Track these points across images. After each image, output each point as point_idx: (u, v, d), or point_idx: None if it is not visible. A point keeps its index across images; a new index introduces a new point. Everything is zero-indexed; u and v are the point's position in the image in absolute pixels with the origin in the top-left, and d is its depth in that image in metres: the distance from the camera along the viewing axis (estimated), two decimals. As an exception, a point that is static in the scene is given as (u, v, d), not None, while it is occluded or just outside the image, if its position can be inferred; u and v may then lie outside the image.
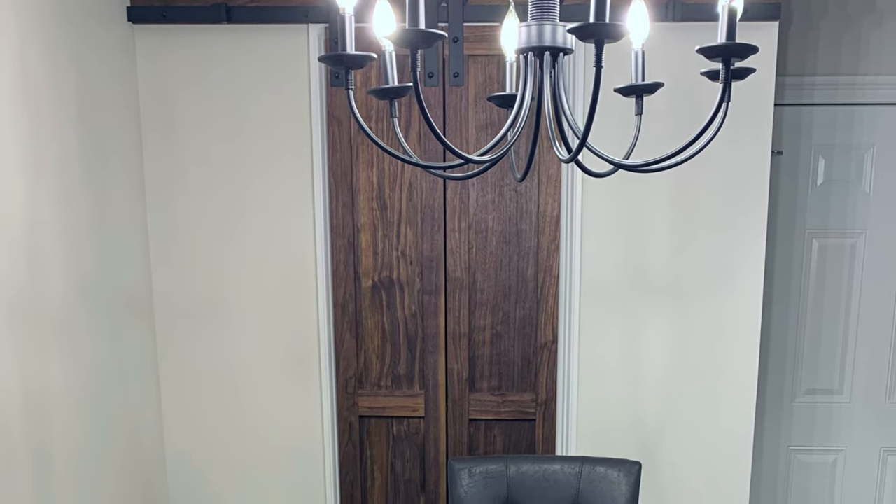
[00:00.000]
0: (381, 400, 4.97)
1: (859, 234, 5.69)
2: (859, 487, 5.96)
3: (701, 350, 4.79)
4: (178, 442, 5.00)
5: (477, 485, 4.21)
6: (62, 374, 3.96)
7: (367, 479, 5.05)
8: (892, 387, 5.84)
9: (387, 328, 4.92)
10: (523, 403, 4.93)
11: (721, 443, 4.86)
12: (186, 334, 4.91)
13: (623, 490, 4.15)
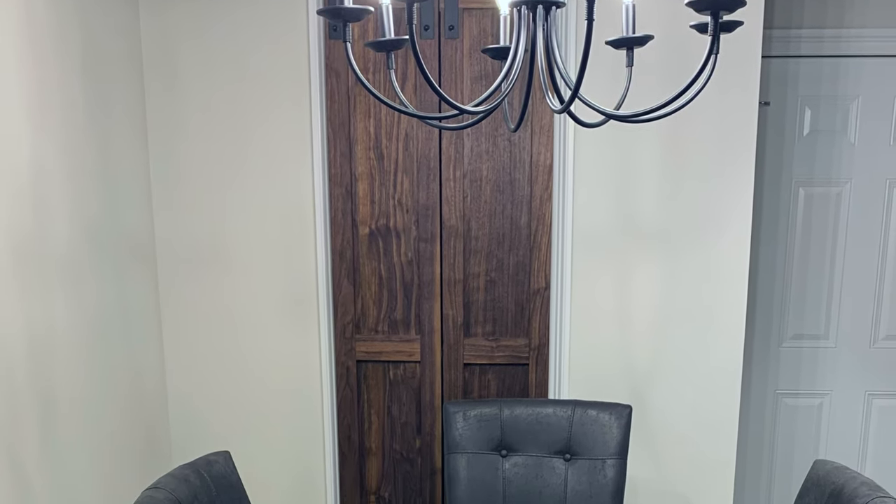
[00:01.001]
0: (377, 345, 5.00)
1: (844, 183, 5.71)
2: (844, 430, 6.00)
3: (690, 296, 4.81)
4: (180, 384, 5.03)
5: (471, 427, 4.24)
6: (66, 316, 3.98)
7: (365, 422, 5.08)
8: (876, 332, 5.87)
9: (384, 275, 4.94)
10: (517, 348, 4.96)
11: (710, 386, 4.89)
12: (188, 279, 4.94)
13: (614, 432, 4.18)
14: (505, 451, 4.24)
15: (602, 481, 4.14)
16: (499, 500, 4.20)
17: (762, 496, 6.12)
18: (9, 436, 3.54)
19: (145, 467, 4.72)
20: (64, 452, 3.96)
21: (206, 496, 3.16)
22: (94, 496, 4.23)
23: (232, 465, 3.44)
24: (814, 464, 3.28)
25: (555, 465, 4.21)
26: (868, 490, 2.88)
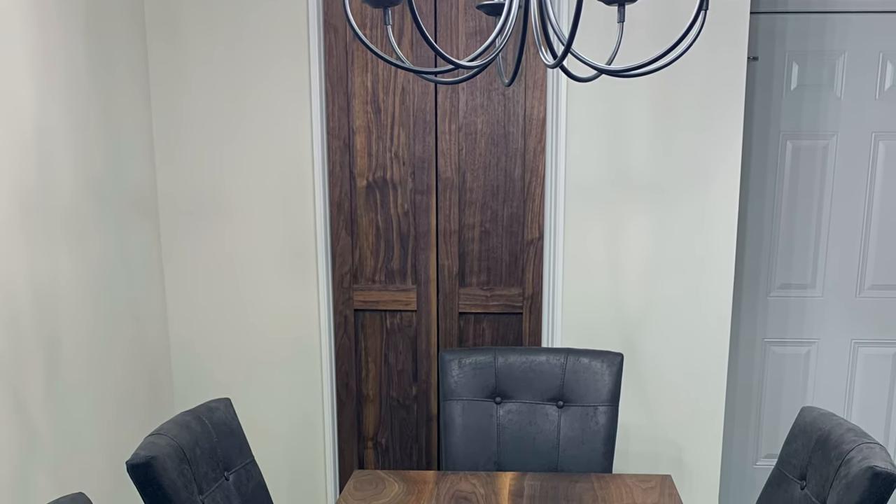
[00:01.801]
0: (375, 294, 5.01)
1: (831, 137, 5.70)
2: (831, 378, 6.01)
3: (680, 246, 4.82)
4: (182, 333, 5.04)
5: (466, 375, 4.25)
6: (70, 268, 3.99)
7: (362, 370, 5.09)
8: (862, 282, 5.88)
9: (380, 226, 4.94)
10: (511, 297, 4.97)
11: (700, 334, 4.90)
12: (189, 231, 4.94)
13: (606, 380, 4.19)
14: (499, 398, 4.25)
15: (594, 427, 4.16)
16: (493, 445, 4.21)
17: (750, 442, 6.14)
18: (15, 383, 3.56)
19: (148, 414, 4.74)
20: (68, 400, 3.97)
21: (206, 442, 3.18)
22: (98, 442, 4.25)
23: (232, 411, 3.46)
24: (801, 411, 3.29)
25: (548, 412, 4.22)
26: (854, 436, 2.89)
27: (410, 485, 3.77)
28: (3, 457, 3.48)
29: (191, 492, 2.96)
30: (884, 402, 6.01)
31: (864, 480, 2.68)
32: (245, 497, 3.32)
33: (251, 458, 3.45)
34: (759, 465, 6.14)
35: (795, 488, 3.12)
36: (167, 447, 2.93)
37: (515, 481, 3.81)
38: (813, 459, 3.05)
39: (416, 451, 5.15)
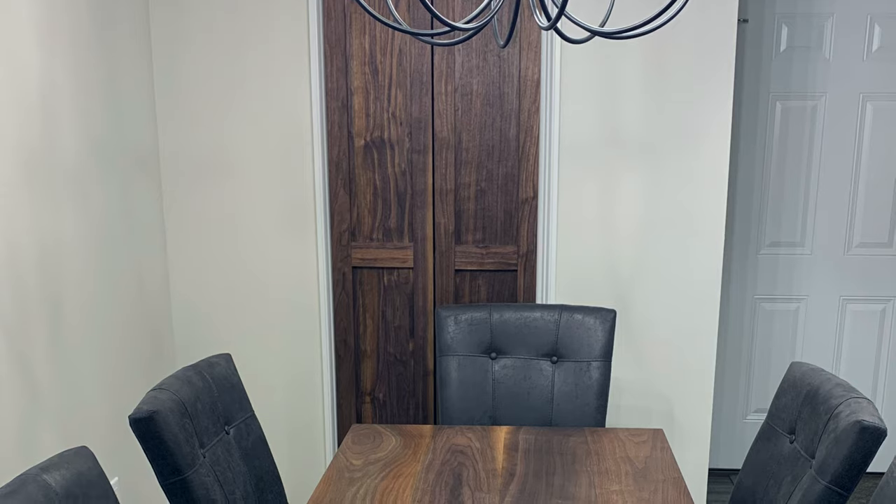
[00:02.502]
0: (372, 252, 5.00)
1: (819, 97, 5.70)
2: (820, 333, 6.02)
3: (672, 205, 4.81)
4: (184, 290, 5.04)
5: (462, 331, 4.25)
6: (74, 226, 3.99)
7: (360, 326, 5.09)
8: (850, 240, 5.88)
9: (378, 185, 4.93)
10: (506, 255, 4.96)
11: (691, 291, 4.90)
12: (191, 190, 4.93)
13: (599, 336, 4.19)
14: (494, 353, 4.25)
15: (587, 382, 4.16)
16: (488, 400, 4.21)
17: (740, 396, 6.16)
18: (19, 340, 3.56)
19: (150, 369, 4.74)
20: (72, 355, 3.97)
21: (207, 396, 3.17)
22: (101, 396, 4.25)
23: (233, 366, 3.45)
24: (790, 366, 3.29)
25: (542, 367, 4.22)
26: (842, 391, 2.89)
27: (407, 438, 3.77)
28: (9, 412, 3.49)
29: (192, 445, 2.96)
30: (871, 357, 6.03)
31: (851, 434, 2.68)
32: (245, 450, 3.32)
33: (251, 413, 3.45)
34: (749, 419, 6.16)
35: (784, 442, 3.12)
36: (169, 402, 2.93)
37: (510, 435, 3.81)
38: (802, 414, 3.05)
39: (413, 406, 5.16)
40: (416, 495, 3.21)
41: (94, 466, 2.44)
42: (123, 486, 4.35)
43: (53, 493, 2.22)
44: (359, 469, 3.45)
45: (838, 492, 2.72)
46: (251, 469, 3.33)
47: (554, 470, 3.44)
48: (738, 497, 3.30)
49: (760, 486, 3.17)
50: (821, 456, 2.81)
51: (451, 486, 3.30)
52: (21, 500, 2.11)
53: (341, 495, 3.22)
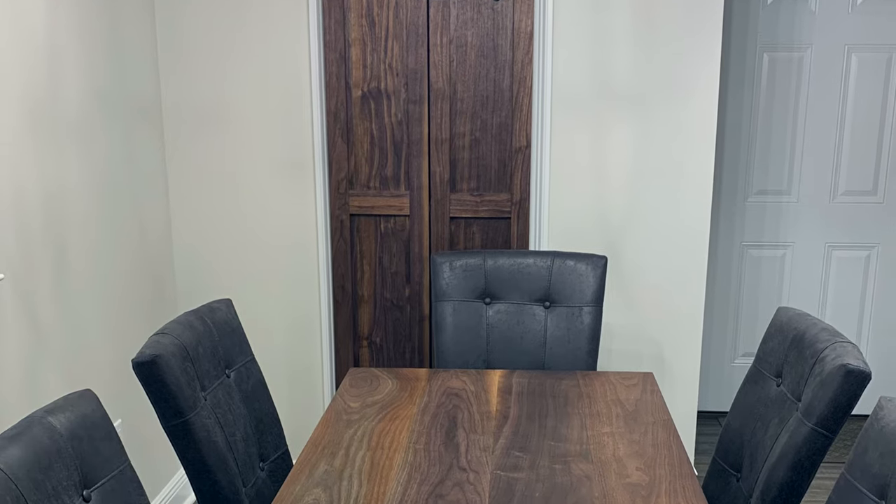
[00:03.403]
0: (369, 200, 4.99)
1: (805, 49, 5.68)
2: (806, 279, 6.03)
3: (661, 154, 4.80)
4: (185, 237, 5.02)
5: (457, 277, 4.24)
6: (78, 174, 3.98)
7: (358, 272, 5.08)
8: (835, 188, 5.88)
9: (375, 134, 4.92)
10: (499, 203, 4.95)
11: (680, 238, 4.90)
12: (192, 139, 4.91)
13: (590, 281, 4.19)
14: (488, 298, 4.25)
15: (579, 327, 4.16)
16: (483, 344, 4.21)
17: (729, 340, 6.16)
18: (25, 285, 3.55)
19: (152, 314, 4.73)
20: (76, 301, 3.97)
21: (209, 340, 3.17)
22: (105, 341, 4.25)
23: (233, 311, 3.45)
24: (777, 311, 3.29)
25: (535, 312, 4.22)
26: (828, 335, 2.88)
27: (403, 382, 3.77)
28: (15, 356, 3.49)
29: (193, 388, 2.96)
30: (856, 302, 6.04)
31: (837, 377, 2.68)
32: (245, 393, 3.32)
33: (251, 357, 3.44)
34: (737, 363, 6.18)
35: (771, 385, 3.12)
36: (171, 346, 2.92)
37: (504, 378, 3.81)
38: (788, 357, 3.05)
39: (409, 350, 5.16)
40: (412, 437, 3.21)
41: (97, 409, 2.43)
42: (126, 429, 4.35)
43: (58, 435, 2.21)
44: (356, 411, 3.45)
45: (824, 433, 2.72)
46: (251, 411, 3.33)
47: (546, 412, 3.44)
48: (726, 438, 3.30)
49: (748, 428, 3.17)
50: (807, 399, 2.80)
51: (447, 428, 3.30)
52: (26, 441, 2.11)
53: (339, 437, 3.22)
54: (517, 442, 3.18)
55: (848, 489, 2.35)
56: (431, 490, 2.82)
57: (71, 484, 2.21)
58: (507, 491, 2.81)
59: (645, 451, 3.12)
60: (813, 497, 4.91)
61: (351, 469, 2.97)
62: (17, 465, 2.03)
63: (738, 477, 3.20)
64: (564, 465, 3.00)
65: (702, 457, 5.46)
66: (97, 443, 2.36)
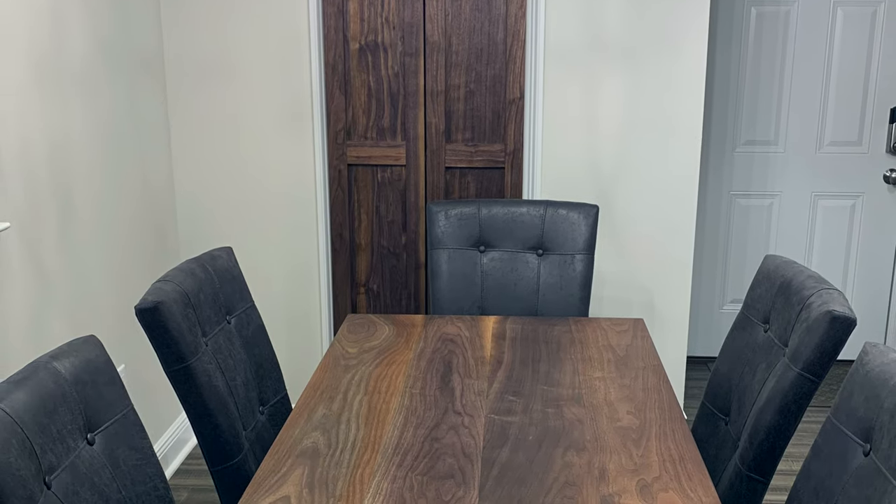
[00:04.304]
0: (366, 150, 4.97)
1: (792, 3, 5.68)
2: (792, 228, 6.02)
3: (652, 105, 4.79)
4: (187, 186, 5.01)
5: (452, 225, 4.23)
6: (82, 125, 3.97)
7: (355, 220, 5.07)
8: (821, 139, 5.87)
9: (372, 86, 4.90)
10: (493, 153, 4.94)
11: (670, 188, 4.89)
12: (194, 91, 4.89)
13: (582, 230, 4.18)
14: (483, 246, 4.25)
15: (571, 274, 4.15)
16: (477, 291, 4.21)
17: (717, 288, 6.17)
18: (31, 234, 3.54)
19: (154, 262, 4.73)
20: (80, 249, 3.96)
21: (210, 287, 3.16)
22: (108, 288, 4.25)
23: (234, 259, 3.44)
24: (764, 259, 3.28)
25: (528, 260, 4.22)
26: (814, 283, 2.88)
27: (400, 328, 3.77)
28: (21, 303, 3.49)
29: (195, 334, 2.95)
30: (841, 250, 6.04)
31: (823, 323, 2.67)
32: (245, 339, 3.32)
33: (251, 303, 3.44)
34: (725, 309, 6.18)
35: (759, 331, 3.12)
36: (173, 292, 2.91)
37: (498, 324, 3.81)
38: (776, 304, 3.04)
39: (406, 297, 5.16)
40: (408, 382, 3.21)
41: (101, 354, 2.43)
42: (129, 373, 4.36)
43: (63, 380, 2.21)
44: (354, 357, 3.45)
45: (810, 378, 2.72)
46: (251, 357, 3.33)
47: (539, 357, 3.44)
48: (715, 383, 3.30)
49: (736, 372, 3.17)
50: (793, 344, 2.80)
51: (442, 372, 3.29)
52: (32, 386, 2.11)
53: (337, 381, 3.22)
54: (511, 386, 3.18)
55: (834, 432, 2.35)
56: (427, 433, 2.82)
57: (75, 427, 2.21)
58: (500, 434, 2.82)
59: (635, 395, 3.12)
60: (799, 440, 4.93)
61: (349, 413, 2.97)
62: (22, 409, 2.02)
63: (726, 420, 3.20)
64: (557, 409, 3.00)
65: (691, 401, 5.47)
66: (101, 387, 2.36)
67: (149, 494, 2.42)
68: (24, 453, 1.97)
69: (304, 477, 2.55)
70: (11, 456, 1.91)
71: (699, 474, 2.58)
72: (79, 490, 2.14)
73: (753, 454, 2.85)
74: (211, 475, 3.04)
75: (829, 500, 2.28)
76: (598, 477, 2.55)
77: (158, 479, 2.46)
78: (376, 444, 2.74)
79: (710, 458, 3.17)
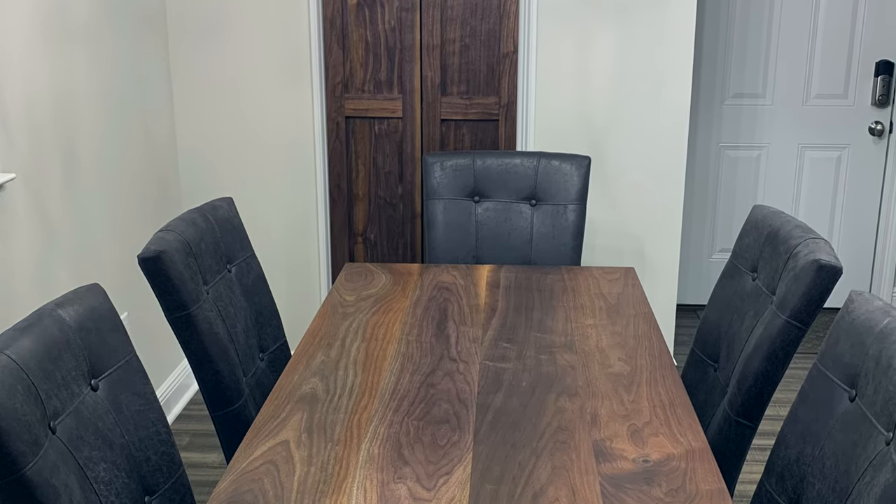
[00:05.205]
0: (364, 103, 4.95)
1: (780, -44, 5.67)
2: (780, 179, 6.02)
3: (643, 58, 4.78)
4: (189, 139, 4.99)
5: (448, 176, 4.23)
6: (86, 80, 3.98)
7: (353, 171, 5.06)
8: (808, 91, 5.86)
9: (369, 40, 4.87)
10: (488, 106, 4.92)
11: (660, 139, 4.88)
12: (195, 47, 4.88)
13: (575, 181, 4.18)
14: (477, 197, 4.24)
15: (564, 224, 4.15)
16: (472, 241, 4.21)
17: (706, 237, 6.17)
18: (37, 185, 3.55)
19: (157, 212, 4.72)
20: (85, 200, 3.96)
21: (211, 237, 3.15)
22: (112, 237, 4.24)
23: (234, 209, 3.43)
24: (752, 209, 3.27)
25: (522, 210, 4.21)
26: (801, 232, 2.87)
27: (396, 276, 3.76)
28: (28, 251, 3.49)
29: (196, 283, 2.95)
30: (828, 201, 6.04)
31: (809, 272, 2.67)
32: (245, 287, 3.31)
33: (251, 252, 3.43)
34: (714, 258, 6.19)
35: (747, 279, 3.11)
36: (175, 242, 2.90)
37: (492, 273, 3.81)
38: (763, 253, 3.04)
39: (402, 246, 5.16)
40: (404, 329, 3.21)
41: (105, 302, 2.43)
42: (132, 321, 4.35)
43: (67, 327, 2.21)
44: (351, 304, 3.45)
45: (797, 325, 2.71)
46: (251, 305, 3.33)
47: (533, 305, 3.44)
48: (704, 330, 3.30)
49: (725, 320, 3.17)
50: (781, 292, 2.80)
51: (438, 320, 3.29)
52: (37, 333, 2.10)
53: (335, 329, 3.22)
54: (505, 334, 3.18)
55: (820, 378, 2.35)
56: (423, 379, 2.82)
57: (79, 373, 2.21)
58: (495, 380, 2.82)
59: (626, 342, 3.12)
60: (786, 386, 4.94)
61: (346, 360, 2.97)
62: (28, 355, 2.02)
63: (715, 367, 3.20)
64: (550, 355, 3.00)
65: (681, 348, 5.48)
66: (104, 334, 2.35)
67: (151, 439, 2.42)
68: (30, 399, 1.96)
69: (303, 422, 2.55)
70: (17, 401, 1.91)
71: (689, 419, 2.58)
72: (83, 435, 2.14)
73: (742, 400, 2.85)
74: (212, 420, 3.04)
75: (816, 445, 2.28)
76: (589, 422, 2.56)
77: (161, 424, 2.46)
78: (373, 390, 2.75)
79: (700, 404, 3.18)
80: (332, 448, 2.40)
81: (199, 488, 3.99)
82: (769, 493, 2.47)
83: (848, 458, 2.13)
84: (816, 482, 2.24)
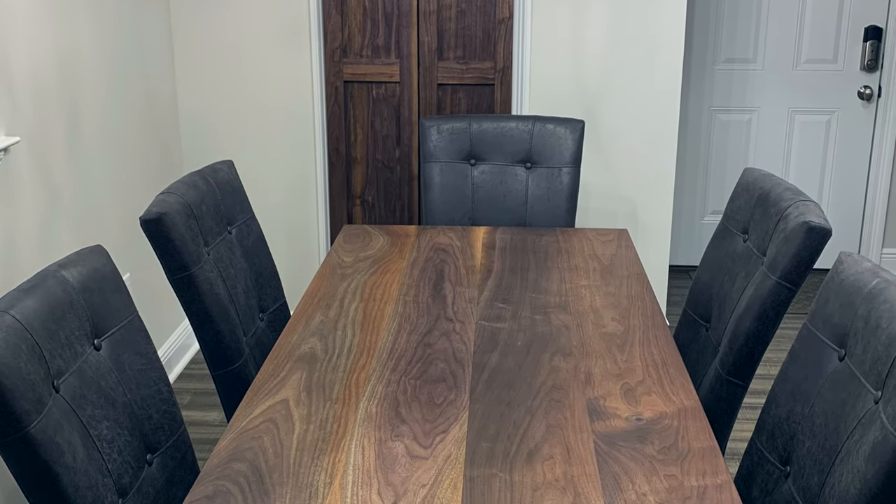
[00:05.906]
0: (362, 67, 4.94)
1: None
2: (771, 142, 6.01)
3: (636, 24, 4.76)
4: (190, 103, 4.98)
5: (444, 139, 4.22)
6: (89, 45, 3.98)
7: (351, 135, 5.05)
8: (798, 56, 5.84)
9: (367, 6, 4.85)
10: (484, 70, 4.90)
11: (653, 103, 4.88)
12: (196, 12, 4.85)
13: (569, 144, 4.17)
14: (473, 160, 4.23)
15: (558, 186, 4.14)
16: (468, 203, 4.20)
17: (698, 200, 6.16)
18: (41, 148, 3.54)
19: (159, 175, 4.71)
20: (88, 163, 3.95)
21: (211, 199, 3.14)
22: (114, 200, 4.24)
23: (235, 172, 3.42)
24: (744, 171, 3.26)
25: (517, 173, 4.20)
26: (791, 195, 2.86)
27: (394, 238, 3.76)
28: (32, 214, 3.48)
29: (197, 244, 2.94)
30: (817, 164, 6.04)
31: (800, 234, 2.66)
32: (246, 249, 3.31)
33: (251, 215, 3.42)
34: (706, 220, 6.19)
35: (738, 241, 3.11)
36: (176, 204, 2.90)
37: (488, 235, 3.80)
38: (754, 215, 3.03)
39: (399, 208, 5.15)
40: (402, 289, 3.21)
41: (107, 263, 2.43)
42: (134, 281, 4.35)
43: (71, 288, 2.21)
44: (350, 266, 3.44)
45: (787, 286, 2.71)
46: (251, 266, 3.33)
47: (528, 266, 3.44)
48: (696, 291, 3.30)
49: (716, 281, 3.17)
50: (771, 254, 2.79)
51: (434, 280, 3.29)
52: (41, 293, 2.10)
53: (334, 289, 3.21)
54: (500, 294, 3.17)
55: (810, 338, 2.34)
56: (420, 339, 2.82)
57: (83, 333, 2.20)
58: (490, 340, 2.81)
59: (620, 302, 3.12)
60: (777, 346, 4.93)
61: (345, 320, 2.97)
62: (32, 315, 2.01)
63: (707, 327, 3.20)
64: (544, 315, 3.00)
65: (673, 308, 5.48)
66: (107, 295, 2.35)
67: (153, 398, 2.42)
68: (34, 358, 1.96)
69: (302, 381, 2.55)
70: (21, 361, 1.91)
71: (681, 378, 2.58)
72: (86, 393, 2.14)
73: (733, 359, 2.85)
74: (212, 379, 3.04)
75: (806, 403, 2.28)
76: (583, 381, 2.56)
77: (162, 383, 2.46)
78: (371, 350, 2.74)
79: (692, 363, 3.18)
80: (330, 406, 2.41)
81: (200, 446, 3.99)
82: (760, 450, 2.47)
83: (837, 416, 2.13)
84: (806, 440, 2.24)
